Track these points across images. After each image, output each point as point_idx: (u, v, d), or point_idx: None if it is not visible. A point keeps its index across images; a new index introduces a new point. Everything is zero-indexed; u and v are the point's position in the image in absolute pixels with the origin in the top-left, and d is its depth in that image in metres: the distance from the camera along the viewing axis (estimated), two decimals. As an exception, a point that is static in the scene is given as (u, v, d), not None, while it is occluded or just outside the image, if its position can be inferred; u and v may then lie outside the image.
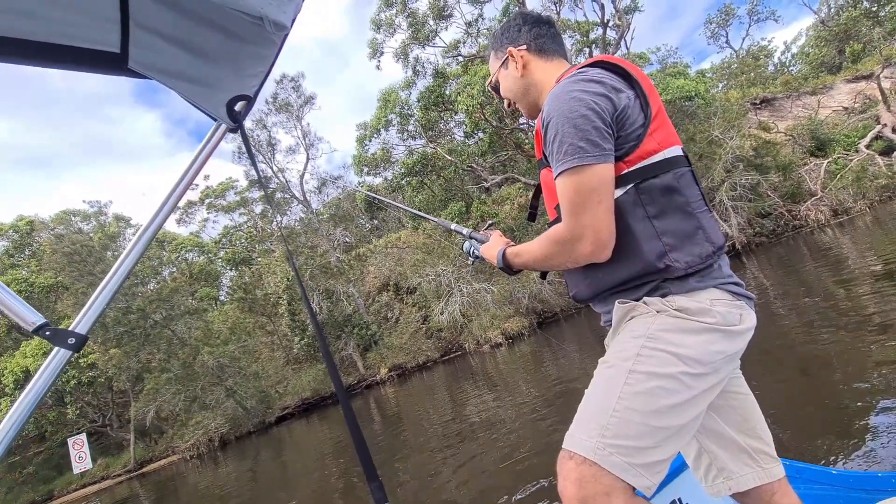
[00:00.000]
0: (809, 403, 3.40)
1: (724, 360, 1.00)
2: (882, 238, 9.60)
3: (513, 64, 1.23)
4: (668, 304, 0.99)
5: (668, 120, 1.07)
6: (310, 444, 10.86)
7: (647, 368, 0.94)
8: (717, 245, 1.02)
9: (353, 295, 19.39)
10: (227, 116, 1.22)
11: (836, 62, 29.09)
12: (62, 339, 0.93)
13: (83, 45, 0.94)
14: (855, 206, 14.77)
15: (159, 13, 0.90)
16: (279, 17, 0.96)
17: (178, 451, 17.09)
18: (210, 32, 0.97)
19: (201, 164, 1.25)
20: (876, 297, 5.35)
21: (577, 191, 0.96)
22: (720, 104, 16.45)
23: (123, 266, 1.09)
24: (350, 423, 0.99)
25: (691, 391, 0.95)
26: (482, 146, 18.15)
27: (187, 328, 18.44)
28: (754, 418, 1.17)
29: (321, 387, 18.20)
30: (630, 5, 17.52)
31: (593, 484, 0.87)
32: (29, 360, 16.97)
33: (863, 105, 20.97)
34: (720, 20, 33.08)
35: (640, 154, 1.00)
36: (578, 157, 0.94)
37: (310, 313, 1.16)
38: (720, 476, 1.16)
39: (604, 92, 0.97)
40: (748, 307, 1.05)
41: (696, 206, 1.02)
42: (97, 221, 24.55)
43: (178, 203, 1.25)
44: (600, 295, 1.11)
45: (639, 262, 1.00)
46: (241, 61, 1.09)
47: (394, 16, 17.94)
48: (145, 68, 1.02)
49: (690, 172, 1.07)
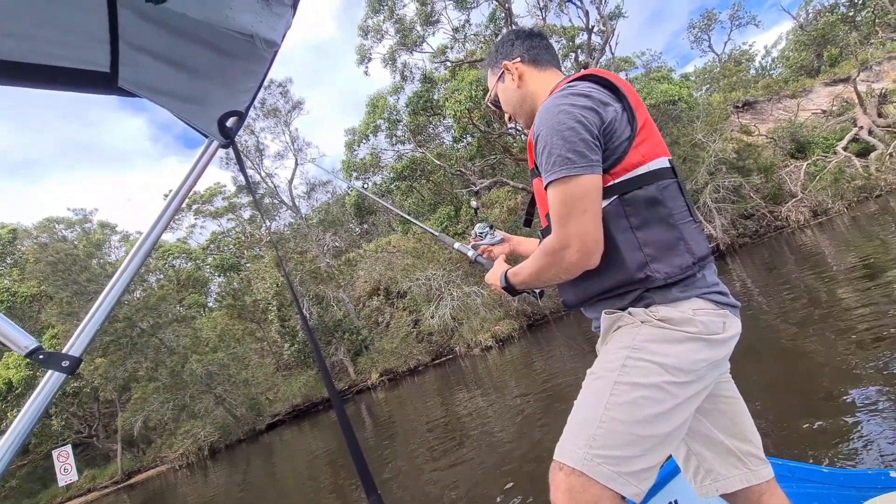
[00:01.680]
0: (796, 402, 3.44)
1: (708, 368, 1.02)
2: (860, 238, 9.87)
3: (509, 76, 1.27)
4: (652, 315, 1.01)
5: (656, 131, 1.10)
6: (301, 452, 10.80)
7: (631, 379, 0.97)
8: (699, 256, 1.04)
9: (343, 300, 19.34)
10: (218, 133, 1.22)
11: (815, 66, 29.79)
12: (56, 363, 0.91)
13: (72, 65, 0.93)
14: (833, 206, 15.13)
15: (149, 32, 0.90)
16: (270, 35, 0.96)
17: (167, 460, 16.86)
18: (200, 50, 0.97)
19: (194, 181, 1.25)
20: (858, 295, 5.47)
21: (563, 201, 0.99)
22: (703, 108, 16.79)
23: (117, 286, 1.07)
24: (347, 436, 0.99)
25: (675, 399, 0.97)
26: (471, 150, 18.26)
27: (175, 336, 18.21)
28: (743, 421, 1.19)
29: (312, 393, 18.11)
30: (614, 11, 17.79)
31: (582, 494, 0.90)
32: (11, 371, 16.63)
33: (840, 108, 21.50)
34: (702, 25, 33.76)
35: (624, 166, 1.02)
36: (566, 167, 0.97)
37: (302, 320, 1.15)
38: (708, 478, 1.19)
39: (591, 105, 1.00)
40: (732, 315, 1.07)
41: (679, 218, 1.05)
42: (81, 229, 24.16)
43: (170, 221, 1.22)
44: (587, 302, 1.15)
45: (621, 271, 1.02)
46: (231, 78, 1.10)
47: (381, 22, 18.00)
48: (135, 87, 1.02)
49: (676, 184, 1.09)
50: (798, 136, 19.12)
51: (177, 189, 1.21)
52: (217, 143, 1.26)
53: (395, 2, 17.64)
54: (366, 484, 0.97)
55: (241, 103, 1.20)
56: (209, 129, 1.21)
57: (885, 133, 17.67)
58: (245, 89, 1.16)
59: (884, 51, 23.97)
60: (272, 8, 0.93)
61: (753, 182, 15.89)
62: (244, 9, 0.89)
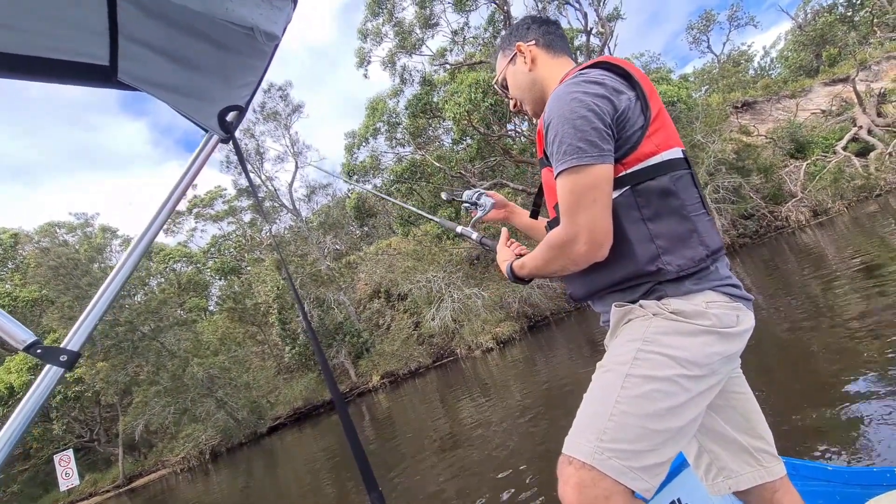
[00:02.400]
0: (800, 400, 3.44)
1: (721, 362, 1.00)
2: (860, 237, 9.87)
3: (521, 59, 1.24)
4: (664, 307, 0.99)
5: (670, 121, 1.07)
6: (302, 454, 10.80)
7: (643, 372, 0.95)
8: (712, 248, 1.02)
9: (343, 303, 19.36)
10: (218, 127, 1.22)
11: (814, 66, 29.86)
12: (54, 357, 0.90)
13: (71, 58, 0.92)
14: (833, 206, 15.14)
15: (148, 25, 0.90)
16: (270, 28, 0.96)
17: (168, 464, 16.86)
18: (200, 44, 0.96)
19: (193, 176, 1.24)
20: (859, 294, 5.47)
21: (573, 190, 0.97)
22: (702, 109, 16.82)
23: (115, 281, 1.06)
24: (349, 433, 0.98)
25: (688, 393, 0.95)
26: (470, 152, 18.30)
27: (176, 340, 18.24)
28: (755, 417, 1.17)
29: (313, 396, 18.11)
30: (612, 13, 17.85)
31: (592, 488, 0.88)
32: (13, 375, 16.64)
33: (840, 108, 21.53)
34: (701, 26, 33.82)
35: (637, 156, 1.00)
36: (577, 157, 0.95)
37: (305, 321, 1.11)
38: (720, 475, 1.17)
39: (604, 93, 0.97)
40: (746, 308, 1.05)
41: (691, 210, 1.02)
42: (83, 233, 24.22)
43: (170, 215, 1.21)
44: (596, 294, 1.12)
45: (632, 263, 1.00)
46: (231, 72, 1.08)
47: (380, 25, 18.07)
48: (135, 80, 1.01)
49: (690, 175, 1.06)
50: (797, 136, 19.15)
51: (177, 182, 1.20)
52: (217, 137, 1.25)
53: (394, 5, 17.71)
54: (367, 481, 0.95)
55: (242, 98, 1.19)
56: (209, 123, 1.20)
57: (884, 132, 17.70)
58: (245, 83, 1.14)
59: (882, 50, 24.01)
60: (272, 1, 0.92)
61: (753, 182, 15.91)
62: (244, 1, 0.89)
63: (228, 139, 1.26)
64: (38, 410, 0.89)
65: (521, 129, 18.97)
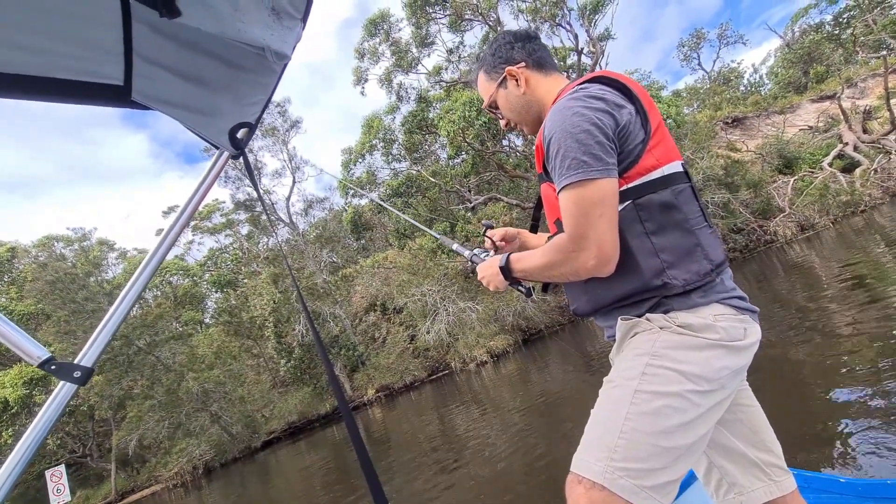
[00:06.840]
0: (803, 415, 3.44)
1: (730, 376, 0.98)
2: (845, 252, 10.09)
3: (513, 82, 1.21)
4: (671, 321, 0.98)
5: (669, 135, 1.07)
6: (297, 469, 10.80)
7: (652, 388, 0.93)
8: (717, 261, 1.01)
9: (339, 316, 19.43)
10: (229, 144, 1.24)
11: (802, 82, 30.52)
12: (68, 374, 0.91)
13: (86, 78, 0.93)
14: (820, 221, 15.43)
15: (162, 45, 0.92)
16: (281, 48, 0.96)
17: (162, 480, 16.70)
18: (213, 63, 0.99)
19: (205, 192, 1.26)
20: (849, 306, 5.57)
21: (579, 205, 0.95)
22: (690, 127, 17.20)
23: (128, 297, 1.07)
24: (357, 445, 0.97)
25: (699, 409, 0.94)
26: (465, 167, 18.61)
27: (172, 354, 18.22)
28: (763, 430, 1.14)
29: (308, 409, 18.06)
30: (603, 33, 18.34)
31: None
32: (8, 390, 16.55)
33: (826, 124, 22.00)
34: (692, 44, 34.56)
35: (638, 170, 1.00)
36: (582, 171, 0.94)
37: (312, 330, 1.16)
38: (731, 491, 1.14)
39: (606, 108, 0.97)
40: (752, 320, 1.04)
41: (694, 223, 1.02)
42: (80, 247, 24.29)
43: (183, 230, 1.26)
44: (601, 310, 1.10)
45: (637, 278, 0.99)
46: (242, 90, 1.11)
47: (377, 44, 18.50)
48: (149, 100, 1.03)
49: (690, 188, 1.06)
50: (785, 152, 19.55)
51: (189, 198, 1.23)
52: (227, 154, 1.28)
53: (390, 25, 18.15)
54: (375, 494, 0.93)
55: (251, 115, 1.22)
56: (220, 140, 1.22)
57: (869, 149, 18.10)
58: (255, 101, 1.17)
59: (868, 68, 24.63)
60: (283, 21, 0.93)
61: (742, 197, 16.22)
62: (256, 22, 0.90)
63: (239, 155, 1.28)
64: (52, 426, 0.91)
65: (516, 144, 19.32)
